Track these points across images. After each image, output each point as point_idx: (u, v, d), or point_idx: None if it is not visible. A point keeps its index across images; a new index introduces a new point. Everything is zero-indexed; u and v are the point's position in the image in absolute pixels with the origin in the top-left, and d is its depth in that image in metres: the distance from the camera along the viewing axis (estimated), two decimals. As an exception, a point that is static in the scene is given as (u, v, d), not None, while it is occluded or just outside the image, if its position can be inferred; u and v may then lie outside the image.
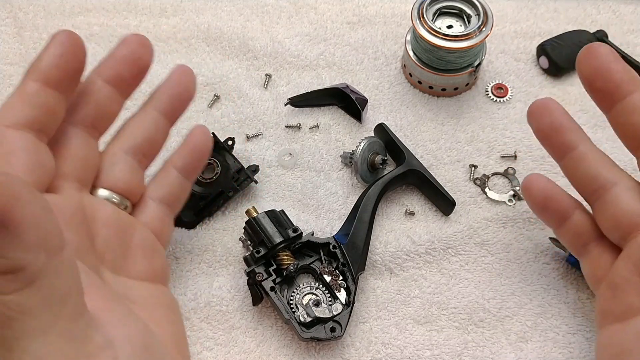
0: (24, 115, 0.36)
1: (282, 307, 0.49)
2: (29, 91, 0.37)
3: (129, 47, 0.42)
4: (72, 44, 0.38)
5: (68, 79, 0.38)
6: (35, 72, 0.37)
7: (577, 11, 0.70)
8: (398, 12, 0.70)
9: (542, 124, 0.44)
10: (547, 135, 0.45)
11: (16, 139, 0.35)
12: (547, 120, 0.43)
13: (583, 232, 0.44)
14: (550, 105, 0.44)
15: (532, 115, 0.45)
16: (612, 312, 0.40)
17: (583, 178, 0.43)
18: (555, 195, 0.46)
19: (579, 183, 0.44)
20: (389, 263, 0.54)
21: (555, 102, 0.45)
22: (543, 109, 0.44)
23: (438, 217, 0.57)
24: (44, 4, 0.72)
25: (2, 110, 0.37)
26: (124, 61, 0.42)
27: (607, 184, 0.42)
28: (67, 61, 0.38)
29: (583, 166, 0.43)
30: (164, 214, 0.46)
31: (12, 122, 0.36)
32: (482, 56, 0.62)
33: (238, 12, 0.71)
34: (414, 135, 0.61)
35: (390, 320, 0.51)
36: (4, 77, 0.66)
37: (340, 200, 0.58)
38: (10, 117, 0.36)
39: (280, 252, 0.51)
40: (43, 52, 0.38)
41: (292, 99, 0.63)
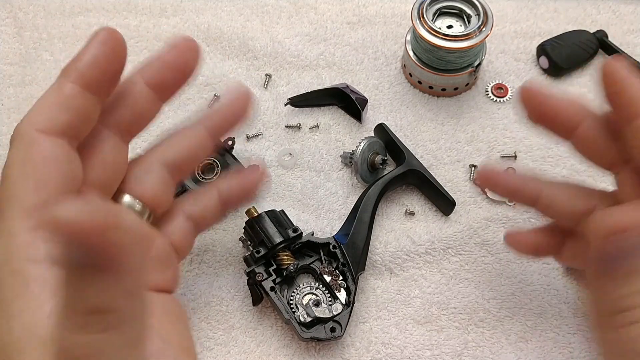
0: (59, 120, 0.34)
1: (282, 307, 0.49)
2: (65, 93, 0.34)
3: (178, 52, 0.40)
4: (113, 43, 0.35)
5: (107, 81, 0.36)
6: (72, 73, 0.34)
7: (577, 11, 0.70)
8: (398, 12, 0.70)
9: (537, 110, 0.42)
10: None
11: (49, 147, 0.34)
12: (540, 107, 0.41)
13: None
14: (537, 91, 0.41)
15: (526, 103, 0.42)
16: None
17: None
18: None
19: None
20: (389, 263, 0.54)
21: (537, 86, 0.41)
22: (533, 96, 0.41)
23: (438, 217, 0.57)
24: (44, 4, 0.72)
25: (36, 112, 0.35)
26: (170, 66, 0.39)
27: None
28: (108, 62, 0.35)
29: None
30: (189, 231, 0.44)
31: (46, 127, 0.34)
32: (482, 56, 0.62)
33: (238, 12, 0.71)
34: (414, 135, 0.61)
35: (390, 320, 0.51)
36: (4, 77, 0.66)
37: (340, 200, 0.58)
38: (43, 120, 0.34)
39: (280, 252, 0.51)
40: (82, 51, 0.35)
41: (292, 99, 0.63)
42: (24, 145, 0.33)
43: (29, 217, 0.29)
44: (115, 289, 0.24)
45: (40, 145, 0.33)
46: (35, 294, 0.28)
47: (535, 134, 0.61)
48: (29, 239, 0.29)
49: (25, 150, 0.32)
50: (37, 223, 0.29)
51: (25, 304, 0.27)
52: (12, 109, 0.64)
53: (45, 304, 0.28)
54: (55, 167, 0.32)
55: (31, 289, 0.28)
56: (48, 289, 0.28)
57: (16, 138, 0.33)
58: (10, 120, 0.63)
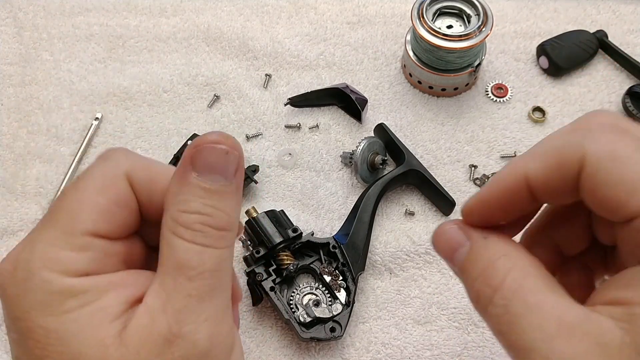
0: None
1: (282, 307, 0.49)
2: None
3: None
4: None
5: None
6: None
7: (577, 11, 0.70)
8: (398, 12, 0.70)
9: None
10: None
11: (124, 190, 0.32)
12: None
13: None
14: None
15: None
16: None
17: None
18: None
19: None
20: (389, 263, 0.54)
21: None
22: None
23: (438, 217, 0.57)
24: (44, 4, 0.71)
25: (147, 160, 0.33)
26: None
27: None
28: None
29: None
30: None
31: (134, 172, 0.32)
32: (482, 56, 0.62)
33: (238, 12, 0.71)
34: (414, 135, 0.61)
35: (390, 321, 0.51)
36: (4, 77, 0.66)
37: (340, 200, 0.58)
38: (139, 170, 0.33)
39: (280, 252, 0.51)
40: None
41: (292, 99, 0.63)
42: (109, 175, 0.31)
43: (77, 237, 0.29)
44: (235, 207, 0.30)
45: (122, 186, 0.31)
46: (91, 310, 0.28)
47: (535, 134, 0.61)
48: (72, 255, 0.28)
49: (107, 179, 0.31)
50: (85, 244, 0.29)
51: (86, 322, 0.27)
52: (12, 109, 0.64)
53: (106, 321, 0.28)
54: (122, 211, 0.31)
55: (82, 303, 0.28)
56: (102, 302, 0.28)
57: (107, 159, 0.32)
58: (10, 120, 0.63)
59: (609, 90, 0.64)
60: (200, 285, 0.28)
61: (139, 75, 0.66)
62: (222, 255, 0.29)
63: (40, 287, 0.28)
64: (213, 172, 0.30)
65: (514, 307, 0.28)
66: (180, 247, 0.29)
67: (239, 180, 0.31)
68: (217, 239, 0.29)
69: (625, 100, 0.60)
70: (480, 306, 0.30)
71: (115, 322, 0.28)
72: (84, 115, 0.63)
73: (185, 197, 0.30)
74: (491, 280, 0.29)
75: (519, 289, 0.28)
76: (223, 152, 0.30)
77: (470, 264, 0.31)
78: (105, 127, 0.63)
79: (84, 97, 0.65)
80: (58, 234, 0.29)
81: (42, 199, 0.58)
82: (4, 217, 0.57)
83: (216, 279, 0.29)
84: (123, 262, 0.31)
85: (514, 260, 0.30)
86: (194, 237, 0.29)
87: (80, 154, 0.61)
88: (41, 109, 0.64)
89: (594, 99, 0.64)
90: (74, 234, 0.29)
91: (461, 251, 0.32)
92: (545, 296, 0.28)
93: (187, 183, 0.30)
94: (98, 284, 0.29)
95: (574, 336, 0.26)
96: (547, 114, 0.62)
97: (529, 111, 0.63)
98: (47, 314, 0.27)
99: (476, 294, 0.30)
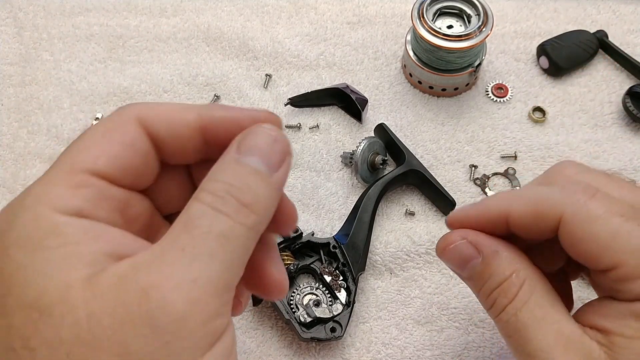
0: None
1: (283, 308, 0.49)
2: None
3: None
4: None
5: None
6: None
7: (577, 11, 0.70)
8: (398, 12, 0.70)
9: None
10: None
11: (134, 134, 0.30)
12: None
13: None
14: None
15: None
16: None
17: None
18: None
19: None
20: (389, 263, 0.54)
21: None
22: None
23: (438, 217, 0.57)
24: (44, 4, 0.71)
25: (158, 105, 0.31)
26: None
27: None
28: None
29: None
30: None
31: (148, 117, 0.31)
32: (482, 56, 0.62)
33: (238, 12, 0.71)
34: (414, 135, 0.61)
35: (390, 321, 0.51)
36: (4, 77, 0.66)
37: (340, 200, 0.58)
38: (156, 115, 0.31)
39: (281, 252, 0.51)
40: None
41: (292, 99, 0.63)
42: (115, 120, 0.30)
43: (75, 174, 0.27)
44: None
45: (129, 128, 0.30)
46: (69, 251, 0.26)
47: (535, 134, 0.61)
48: (66, 191, 0.27)
49: (113, 124, 0.30)
50: (82, 182, 0.28)
51: (58, 262, 0.25)
52: (12, 109, 0.64)
53: (80, 265, 0.25)
54: (128, 152, 0.29)
55: (63, 243, 0.26)
56: (82, 247, 0.26)
57: (115, 112, 0.30)
58: (10, 120, 0.63)
59: (609, 90, 0.64)
60: (199, 243, 0.25)
61: (139, 76, 0.66)
62: (235, 228, 0.26)
63: (28, 221, 0.26)
64: (256, 155, 0.28)
65: (523, 316, 0.34)
66: (195, 209, 0.26)
67: (281, 176, 0.29)
68: (236, 210, 0.26)
69: (625, 100, 0.60)
70: (494, 311, 0.35)
71: (89, 267, 0.25)
72: (84, 115, 0.63)
73: (220, 170, 0.28)
74: (508, 292, 0.34)
75: (528, 301, 0.34)
76: (271, 138, 0.29)
77: (486, 277, 0.36)
78: (106, 127, 0.63)
79: (84, 97, 0.65)
80: (57, 172, 0.28)
81: (42, 199, 0.58)
82: (4, 217, 0.57)
83: (219, 245, 0.26)
84: (119, 210, 0.29)
85: (524, 275, 0.35)
86: (214, 201, 0.26)
87: (81, 154, 0.61)
88: (41, 109, 0.64)
89: (594, 99, 0.64)
90: (73, 171, 0.28)
91: (473, 263, 0.36)
92: (547, 310, 0.34)
93: (227, 160, 0.28)
94: (85, 229, 0.26)
95: (569, 350, 0.32)
96: (547, 114, 0.62)
97: (529, 111, 0.63)
98: (24, 249, 0.26)
99: (492, 302, 0.35)
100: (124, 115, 0.30)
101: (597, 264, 0.33)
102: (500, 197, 0.37)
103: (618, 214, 0.32)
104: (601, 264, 0.33)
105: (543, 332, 0.33)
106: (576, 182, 0.35)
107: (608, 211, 0.32)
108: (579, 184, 0.34)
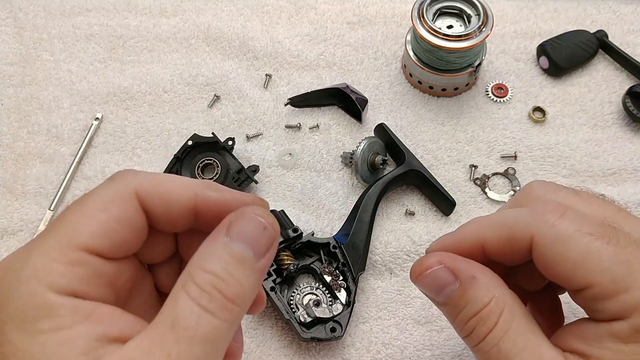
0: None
1: (283, 307, 0.49)
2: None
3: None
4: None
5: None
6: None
7: (577, 11, 0.70)
8: (398, 12, 0.70)
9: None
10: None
11: (130, 211, 0.32)
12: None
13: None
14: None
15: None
16: None
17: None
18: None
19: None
20: (389, 263, 0.54)
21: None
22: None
23: (438, 217, 0.57)
24: (44, 4, 0.71)
25: (150, 175, 0.32)
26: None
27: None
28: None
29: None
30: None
31: (146, 191, 0.32)
32: (482, 56, 0.62)
33: (238, 12, 0.71)
34: (414, 135, 0.61)
35: (390, 321, 0.51)
36: (4, 77, 0.66)
37: (340, 200, 0.58)
38: (148, 187, 0.33)
39: (281, 252, 0.51)
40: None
41: (292, 99, 0.63)
42: (115, 193, 0.31)
43: (72, 251, 0.29)
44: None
45: (127, 204, 0.31)
46: (63, 337, 0.27)
47: (535, 134, 0.61)
48: (62, 269, 0.28)
49: (112, 196, 0.31)
50: (77, 260, 0.29)
51: (54, 349, 0.27)
52: (12, 109, 0.64)
53: (73, 354, 0.27)
54: (123, 229, 0.31)
55: (56, 327, 0.27)
56: (74, 331, 0.27)
57: (115, 179, 0.32)
58: (10, 120, 0.63)
59: (609, 90, 0.64)
60: (184, 350, 0.27)
61: (139, 75, 0.66)
62: (219, 327, 0.28)
63: (23, 297, 0.27)
64: (244, 242, 0.29)
65: (505, 346, 0.32)
66: (182, 303, 0.28)
67: (266, 262, 0.30)
68: (222, 309, 0.28)
69: (625, 100, 0.60)
70: (471, 340, 0.34)
71: (82, 357, 0.27)
72: (84, 115, 0.63)
73: (207, 256, 0.29)
74: (488, 321, 0.33)
75: (509, 330, 0.33)
76: (261, 225, 0.30)
77: (463, 304, 0.34)
78: (106, 127, 0.63)
79: (84, 97, 0.65)
80: (54, 244, 0.29)
81: (42, 199, 0.58)
82: (4, 217, 0.57)
83: (203, 350, 0.28)
84: (109, 284, 0.31)
85: (503, 301, 0.34)
86: (200, 297, 0.28)
87: (80, 154, 0.61)
88: (41, 109, 0.64)
89: (594, 99, 0.64)
90: (70, 246, 0.29)
91: (449, 289, 0.35)
92: (528, 338, 0.33)
93: (215, 244, 0.29)
94: (77, 310, 0.28)
95: None
96: (547, 114, 0.62)
97: (529, 111, 0.63)
98: (20, 330, 0.27)
99: (469, 330, 0.34)
100: (124, 187, 0.31)
101: (570, 284, 0.32)
102: (475, 223, 0.36)
103: (587, 232, 0.31)
104: (574, 284, 0.32)
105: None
106: (546, 202, 0.34)
107: (577, 230, 0.31)
108: (549, 203, 0.34)
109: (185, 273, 0.29)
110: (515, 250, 0.34)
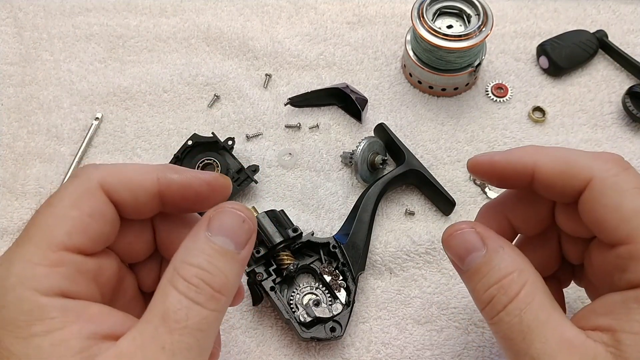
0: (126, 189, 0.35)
1: (282, 307, 0.49)
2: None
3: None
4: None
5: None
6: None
7: (577, 11, 0.70)
8: (398, 12, 0.70)
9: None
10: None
11: (100, 203, 0.33)
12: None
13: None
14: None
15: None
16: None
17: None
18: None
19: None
20: (389, 263, 0.54)
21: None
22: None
23: (438, 217, 0.57)
24: (44, 4, 0.72)
25: (113, 167, 0.33)
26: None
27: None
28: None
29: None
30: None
31: (109, 184, 0.33)
32: (482, 56, 0.62)
33: (238, 12, 0.71)
34: (414, 135, 0.61)
35: (390, 320, 0.51)
36: (4, 77, 0.66)
37: (340, 200, 0.58)
38: (112, 180, 0.34)
39: (281, 252, 0.51)
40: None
41: (292, 99, 0.63)
42: (81, 189, 0.32)
43: (53, 252, 0.29)
44: (239, 274, 0.32)
45: (95, 198, 0.32)
46: (56, 339, 0.28)
47: (535, 134, 0.61)
48: (46, 271, 0.29)
49: (80, 193, 0.32)
50: (59, 260, 0.30)
51: (49, 351, 0.27)
52: (12, 109, 0.64)
53: (69, 354, 0.28)
54: (97, 223, 0.32)
55: (49, 329, 0.28)
56: (66, 332, 0.28)
57: (78, 176, 0.33)
58: (10, 120, 0.63)
59: (609, 90, 0.64)
60: (177, 340, 0.28)
61: (139, 75, 0.66)
62: (209, 316, 0.29)
63: (13, 304, 0.28)
64: (225, 235, 0.31)
65: (527, 318, 0.32)
66: (171, 297, 0.29)
67: (246, 253, 0.32)
68: (209, 299, 0.30)
69: (625, 100, 0.60)
70: (491, 310, 0.33)
71: (76, 356, 0.27)
72: (84, 115, 0.64)
73: (191, 251, 0.30)
74: (509, 290, 0.33)
75: (532, 302, 0.32)
76: (240, 218, 0.31)
77: (487, 271, 0.34)
78: (106, 127, 0.63)
79: (84, 97, 0.65)
80: (34, 249, 0.29)
81: (42, 199, 0.58)
82: (4, 217, 0.57)
83: (195, 340, 0.29)
84: (94, 280, 0.31)
85: (527, 275, 0.33)
86: (188, 290, 0.29)
87: (80, 154, 0.61)
88: (41, 109, 0.64)
89: (594, 99, 0.64)
90: (50, 248, 0.29)
91: (475, 255, 0.35)
92: (550, 313, 0.32)
93: (198, 239, 0.31)
94: (67, 310, 0.28)
95: (573, 355, 0.31)
96: (547, 114, 0.62)
97: (529, 111, 0.63)
98: (14, 336, 0.27)
99: (489, 299, 0.33)
100: (88, 182, 0.32)
101: (612, 235, 0.32)
102: (530, 149, 0.36)
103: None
104: (615, 236, 0.32)
105: (546, 336, 0.31)
106: (612, 155, 0.34)
107: (636, 187, 0.32)
108: (614, 156, 0.34)
109: (170, 269, 0.30)
110: (566, 185, 0.34)
